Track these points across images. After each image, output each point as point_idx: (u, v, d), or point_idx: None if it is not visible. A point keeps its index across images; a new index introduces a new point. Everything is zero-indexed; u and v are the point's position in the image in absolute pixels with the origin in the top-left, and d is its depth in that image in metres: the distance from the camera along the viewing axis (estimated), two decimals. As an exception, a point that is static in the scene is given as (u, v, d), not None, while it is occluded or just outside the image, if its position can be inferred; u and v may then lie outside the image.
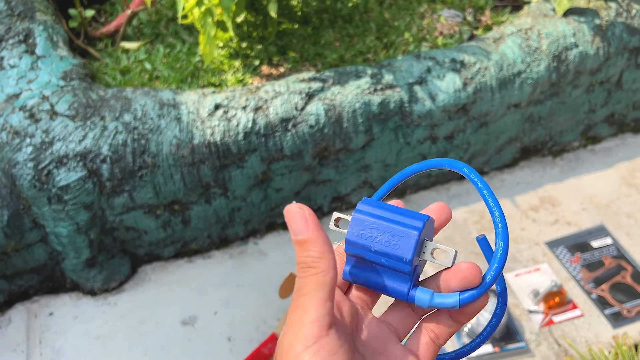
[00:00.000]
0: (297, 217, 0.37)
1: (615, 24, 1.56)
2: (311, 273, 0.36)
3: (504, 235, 0.40)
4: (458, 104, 1.44)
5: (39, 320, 1.36)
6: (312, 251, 0.36)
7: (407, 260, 0.39)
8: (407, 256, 0.39)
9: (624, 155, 1.77)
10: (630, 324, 1.33)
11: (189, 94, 1.34)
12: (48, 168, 1.20)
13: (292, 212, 0.37)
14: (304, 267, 0.37)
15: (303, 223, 0.37)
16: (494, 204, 0.41)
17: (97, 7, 1.78)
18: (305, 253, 0.37)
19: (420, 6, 1.74)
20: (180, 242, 1.45)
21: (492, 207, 0.41)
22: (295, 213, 0.37)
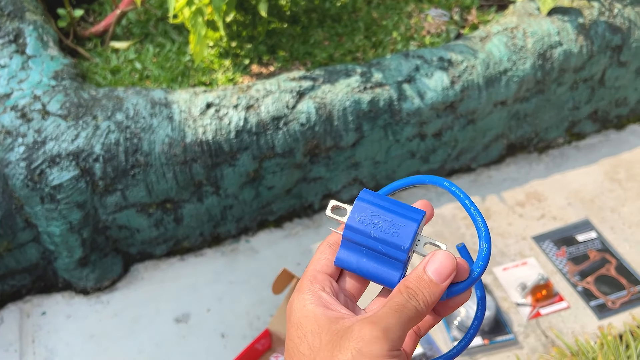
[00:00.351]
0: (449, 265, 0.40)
1: (598, 22, 1.60)
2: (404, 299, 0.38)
3: (487, 238, 0.43)
4: (446, 101, 1.47)
5: (31, 319, 1.36)
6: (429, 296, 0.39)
7: (404, 248, 0.41)
8: (405, 244, 0.41)
9: (607, 151, 1.81)
10: (614, 315, 1.37)
11: (180, 93, 1.35)
12: (41, 167, 1.20)
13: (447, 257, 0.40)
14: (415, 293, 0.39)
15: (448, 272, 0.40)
16: (476, 212, 0.43)
17: (85, 7, 1.78)
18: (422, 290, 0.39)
19: (407, 6, 1.76)
20: (172, 241, 1.46)
21: (474, 214, 0.43)
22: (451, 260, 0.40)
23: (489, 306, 1.34)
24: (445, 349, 1.31)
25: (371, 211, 0.43)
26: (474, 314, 0.45)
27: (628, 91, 1.80)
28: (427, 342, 1.31)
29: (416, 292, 0.39)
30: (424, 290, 0.39)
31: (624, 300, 1.40)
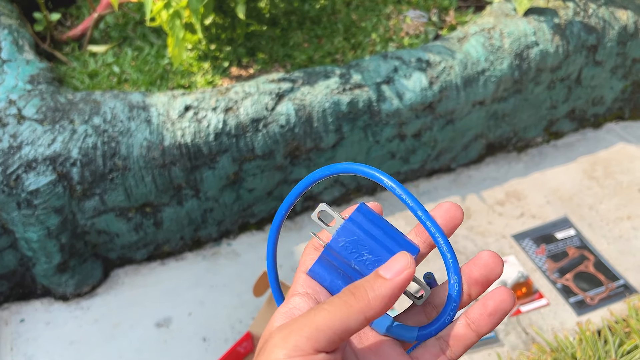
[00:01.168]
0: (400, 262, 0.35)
1: (573, 22, 1.62)
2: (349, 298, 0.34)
3: (456, 268, 0.38)
4: (425, 102, 1.48)
5: (10, 327, 1.34)
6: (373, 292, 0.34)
7: None
8: None
9: (585, 150, 1.84)
10: (593, 311, 1.39)
11: (158, 96, 1.35)
12: (17, 172, 1.19)
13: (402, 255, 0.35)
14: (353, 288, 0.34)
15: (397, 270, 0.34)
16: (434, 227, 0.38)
17: (62, 11, 1.77)
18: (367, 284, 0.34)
19: (386, 7, 1.77)
20: (152, 245, 1.45)
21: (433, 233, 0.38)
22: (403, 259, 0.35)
23: (469, 304, 1.35)
24: None
25: (359, 238, 0.38)
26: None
27: (604, 90, 1.82)
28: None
29: (360, 290, 0.34)
30: (373, 282, 0.34)
31: (602, 296, 1.42)
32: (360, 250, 0.37)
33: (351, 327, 0.33)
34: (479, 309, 0.37)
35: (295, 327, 0.33)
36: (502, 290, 0.36)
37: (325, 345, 0.32)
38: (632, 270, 1.47)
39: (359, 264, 0.37)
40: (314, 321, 0.33)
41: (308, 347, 0.32)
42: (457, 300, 0.37)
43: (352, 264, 0.38)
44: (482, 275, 0.37)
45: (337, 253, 0.38)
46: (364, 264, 0.37)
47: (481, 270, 0.37)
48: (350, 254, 0.37)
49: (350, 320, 0.33)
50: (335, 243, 0.38)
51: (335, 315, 0.33)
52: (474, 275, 0.38)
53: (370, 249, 0.37)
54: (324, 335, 0.32)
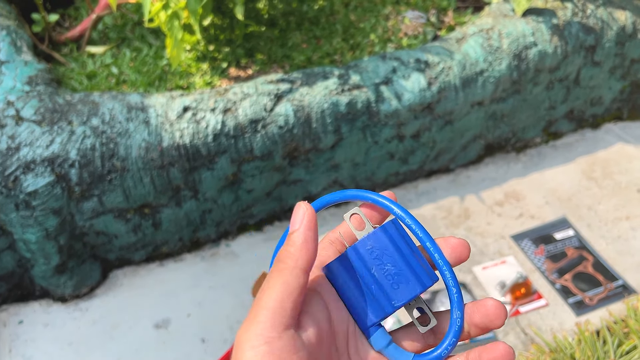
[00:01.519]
0: (298, 212, 0.37)
1: (571, 23, 1.62)
2: (278, 267, 0.35)
3: (460, 304, 0.38)
4: (423, 103, 1.48)
5: (8, 329, 1.34)
6: (291, 247, 0.35)
7: (395, 304, 0.38)
8: (398, 302, 0.38)
9: (583, 150, 1.84)
10: (592, 311, 1.39)
11: (157, 97, 1.35)
12: (15, 174, 1.19)
13: (296, 207, 0.37)
14: (276, 260, 0.36)
15: (299, 218, 0.36)
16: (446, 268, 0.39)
17: (61, 12, 1.76)
18: (285, 247, 0.36)
19: (384, 8, 1.77)
20: (151, 246, 1.45)
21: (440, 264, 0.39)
22: (299, 208, 0.37)
23: (468, 305, 1.35)
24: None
25: (387, 248, 0.38)
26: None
27: (603, 90, 1.82)
28: None
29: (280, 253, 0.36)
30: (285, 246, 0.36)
31: (601, 297, 1.42)
32: (384, 259, 0.38)
33: (294, 287, 0.34)
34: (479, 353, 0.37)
35: (251, 317, 0.33)
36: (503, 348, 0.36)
37: (284, 321, 0.33)
38: (630, 270, 1.48)
39: (379, 271, 0.38)
40: (262, 305, 0.33)
41: (268, 330, 0.32)
42: (457, 336, 0.38)
43: (372, 269, 0.38)
44: (482, 322, 0.38)
45: (361, 256, 0.38)
46: (382, 273, 0.38)
47: (482, 318, 0.38)
48: (374, 259, 0.38)
49: (289, 282, 0.34)
50: (363, 245, 0.38)
51: (275, 286, 0.34)
52: (475, 320, 0.38)
53: (394, 262, 0.38)
54: (278, 312, 0.33)
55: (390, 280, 0.38)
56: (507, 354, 0.36)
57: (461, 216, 1.61)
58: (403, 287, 0.38)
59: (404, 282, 0.38)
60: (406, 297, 0.38)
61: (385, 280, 0.38)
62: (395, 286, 0.38)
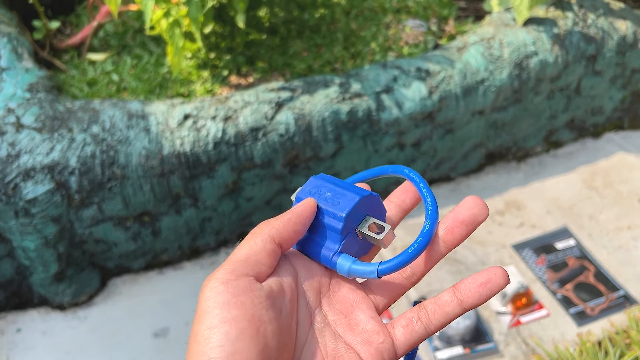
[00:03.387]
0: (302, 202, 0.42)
1: (572, 32, 1.62)
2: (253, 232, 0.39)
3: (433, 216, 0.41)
4: (424, 111, 1.47)
5: (6, 337, 1.33)
6: (274, 219, 0.39)
7: (341, 217, 0.41)
8: (342, 213, 0.41)
9: (584, 159, 1.83)
10: (593, 322, 1.38)
11: (157, 104, 1.34)
12: (14, 181, 1.18)
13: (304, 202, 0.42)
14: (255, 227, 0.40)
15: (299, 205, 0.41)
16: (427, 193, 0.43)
17: (62, 19, 1.77)
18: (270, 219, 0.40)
19: (385, 17, 1.77)
20: (150, 254, 1.44)
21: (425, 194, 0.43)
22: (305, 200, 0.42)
23: (469, 315, 1.34)
24: (426, 359, 1.31)
25: (321, 185, 0.44)
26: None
27: (603, 100, 1.82)
28: (409, 353, 1.31)
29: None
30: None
31: (603, 307, 1.41)
32: (321, 190, 0.43)
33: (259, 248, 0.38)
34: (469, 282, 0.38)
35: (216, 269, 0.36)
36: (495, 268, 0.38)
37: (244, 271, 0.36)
38: (632, 280, 1.47)
39: (321, 201, 0.42)
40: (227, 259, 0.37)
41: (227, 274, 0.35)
42: (427, 237, 0.40)
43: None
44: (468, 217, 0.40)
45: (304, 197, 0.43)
46: (325, 200, 0.42)
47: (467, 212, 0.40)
48: (314, 195, 0.43)
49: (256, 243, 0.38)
50: (302, 193, 0.44)
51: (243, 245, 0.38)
52: (460, 217, 0.40)
53: (330, 189, 0.43)
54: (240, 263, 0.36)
55: (331, 202, 0.42)
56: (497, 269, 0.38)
57: (462, 225, 1.60)
58: (343, 201, 0.42)
59: (343, 197, 0.42)
60: (348, 206, 0.41)
61: (328, 205, 0.42)
62: (336, 202, 0.42)
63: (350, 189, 0.43)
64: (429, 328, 0.38)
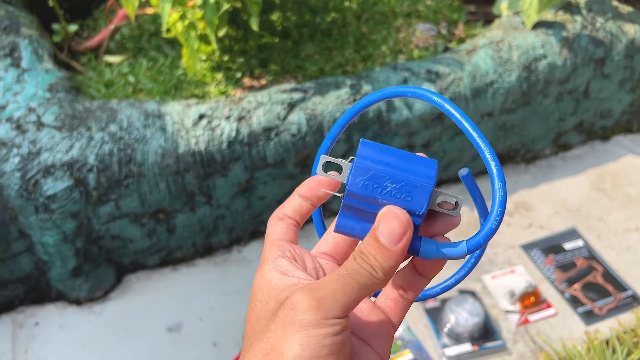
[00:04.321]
0: (399, 225, 0.35)
1: (581, 36, 1.64)
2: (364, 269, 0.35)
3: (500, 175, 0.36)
4: (434, 113, 1.50)
5: (24, 330, 1.37)
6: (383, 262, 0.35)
7: (420, 213, 0.36)
8: (420, 209, 0.36)
9: (593, 162, 1.85)
10: (601, 321, 1.39)
11: (173, 104, 1.38)
12: (35, 178, 1.22)
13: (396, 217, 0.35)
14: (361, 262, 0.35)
15: (399, 234, 0.35)
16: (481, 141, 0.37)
17: (80, 22, 1.81)
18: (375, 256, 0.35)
19: (396, 21, 1.80)
20: (165, 251, 1.48)
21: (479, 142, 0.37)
22: (400, 220, 0.35)
23: (478, 313, 1.36)
24: (435, 356, 1.33)
25: (376, 172, 0.36)
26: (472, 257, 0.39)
27: (612, 103, 1.84)
28: (417, 349, 1.33)
29: (369, 258, 0.35)
30: (378, 256, 0.35)
31: (611, 307, 1.42)
32: (382, 183, 0.36)
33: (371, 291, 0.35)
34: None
35: (329, 292, 0.34)
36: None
37: (349, 308, 0.34)
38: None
39: (386, 196, 0.36)
40: (342, 290, 0.34)
41: (339, 312, 0.34)
42: (503, 206, 0.36)
43: (378, 200, 0.36)
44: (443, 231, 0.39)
45: (359, 195, 0.36)
46: (390, 195, 0.36)
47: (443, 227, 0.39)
48: (373, 190, 0.36)
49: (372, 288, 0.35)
50: (354, 186, 0.36)
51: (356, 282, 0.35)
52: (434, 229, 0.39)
53: (392, 178, 0.36)
54: (350, 301, 0.34)
55: (400, 197, 0.36)
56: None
57: (471, 226, 1.62)
58: (415, 194, 0.36)
59: (413, 188, 0.36)
60: (423, 199, 0.36)
61: (397, 201, 0.36)
62: (408, 198, 0.36)
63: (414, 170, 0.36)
64: (409, 299, 0.40)
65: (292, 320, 0.33)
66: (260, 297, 0.37)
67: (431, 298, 0.40)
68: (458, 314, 1.35)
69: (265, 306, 0.36)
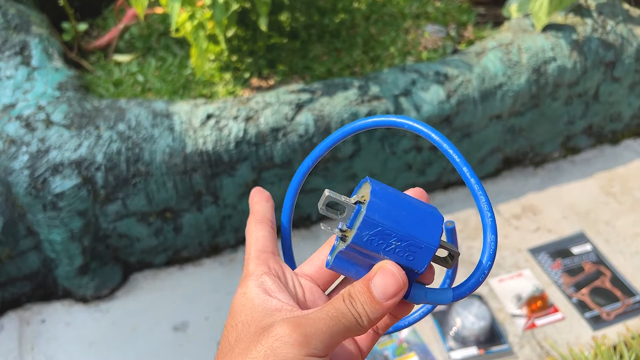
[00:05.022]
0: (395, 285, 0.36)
1: (591, 39, 1.63)
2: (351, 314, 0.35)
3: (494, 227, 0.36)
4: (442, 115, 1.49)
5: (31, 327, 1.37)
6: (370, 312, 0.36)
7: (420, 272, 0.37)
8: (420, 269, 0.36)
9: (602, 166, 1.84)
10: (609, 326, 1.38)
11: (181, 104, 1.38)
12: (44, 176, 1.23)
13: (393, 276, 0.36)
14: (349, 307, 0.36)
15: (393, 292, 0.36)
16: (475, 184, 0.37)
17: (90, 21, 1.82)
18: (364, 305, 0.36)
19: (405, 22, 1.80)
20: (171, 250, 1.48)
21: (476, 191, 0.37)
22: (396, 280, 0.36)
23: (484, 317, 1.35)
24: (441, 359, 1.32)
25: (383, 229, 0.35)
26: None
27: (622, 106, 1.83)
28: (423, 352, 1.32)
29: (357, 305, 0.35)
30: (367, 306, 0.35)
31: (619, 312, 1.41)
32: (387, 240, 0.36)
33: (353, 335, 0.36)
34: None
35: (316, 331, 0.35)
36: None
37: (332, 348, 0.35)
38: (649, 286, 1.47)
39: (389, 253, 0.36)
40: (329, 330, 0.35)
41: (323, 351, 0.34)
42: (492, 259, 0.36)
43: (380, 255, 0.36)
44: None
45: (362, 247, 0.36)
46: (394, 252, 0.36)
47: None
48: (377, 246, 0.36)
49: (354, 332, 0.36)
50: (359, 239, 0.35)
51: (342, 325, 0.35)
52: None
53: (398, 236, 0.35)
54: (334, 342, 0.35)
55: (402, 255, 0.36)
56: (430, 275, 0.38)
57: (478, 229, 1.61)
58: (418, 255, 0.36)
59: (417, 249, 0.36)
60: (424, 260, 0.36)
61: (399, 258, 0.36)
62: (410, 257, 0.36)
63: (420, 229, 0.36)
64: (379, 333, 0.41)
65: (275, 351, 0.33)
66: (241, 318, 0.37)
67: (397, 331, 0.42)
68: (464, 317, 1.35)
69: (246, 328, 0.36)
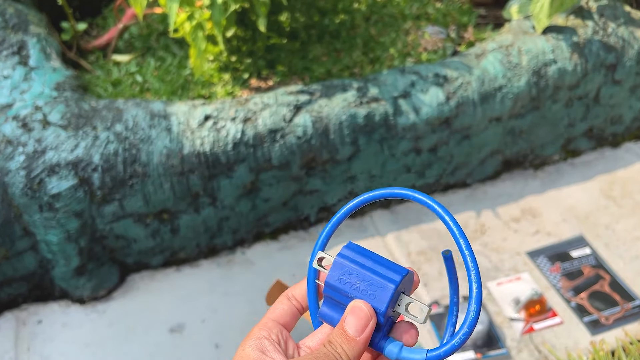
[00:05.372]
0: (363, 317, 0.41)
1: (592, 41, 1.62)
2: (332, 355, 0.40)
3: (478, 299, 0.40)
4: (441, 117, 1.49)
5: (27, 328, 1.37)
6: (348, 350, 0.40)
7: (380, 311, 0.41)
8: (381, 308, 0.41)
9: (602, 169, 1.83)
10: (607, 331, 1.37)
11: (179, 105, 1.38)
12: (40, 176, 1.22)
13: (361, 310, 0.41)
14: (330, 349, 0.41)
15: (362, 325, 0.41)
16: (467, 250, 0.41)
17: (89, 21, 1.82)
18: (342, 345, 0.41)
19: (405, 23, 1.79)
20: (168, 251, 1.48)
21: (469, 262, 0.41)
22: (364, 313, 0.41)
23: (482, 320, 1.35)
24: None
25: (350, 269, 0.42)
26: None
27: (623, 109, 1.82)
28: None
29: (336, 346, 0.40)
30: (344, 345, 0.40)
31: (618, 317, 1.40)
32: (353, 280, 0.42)
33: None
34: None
35: None
36: None
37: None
38: (648, 291, 1.46)
39: (355, 292, 0.41)
40: None
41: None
42: (471, 328, 0.40)
43: (349, 295, 0.42)
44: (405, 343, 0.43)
45: (335, 287, 0.42)
46: (359, 291, 0.41)
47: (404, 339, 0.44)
48: (345, 284, 0.42)
49: None
50: (331, 278, 0.42)
51: None
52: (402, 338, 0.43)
53: (361, 277, 0.41)
54: None
55: (366, 294, 0.41)
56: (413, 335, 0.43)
57: (477, 231, 1.61)
58: (379, 293, 0.41)
59: (378, 288, 0.41)
60: (384, 299, 0.41)
61: (363, 296, 0.41)
62: (372, 296, 0.41)
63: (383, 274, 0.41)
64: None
65: None
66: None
67: None
68: (462, 321, 1.34)
69: None
